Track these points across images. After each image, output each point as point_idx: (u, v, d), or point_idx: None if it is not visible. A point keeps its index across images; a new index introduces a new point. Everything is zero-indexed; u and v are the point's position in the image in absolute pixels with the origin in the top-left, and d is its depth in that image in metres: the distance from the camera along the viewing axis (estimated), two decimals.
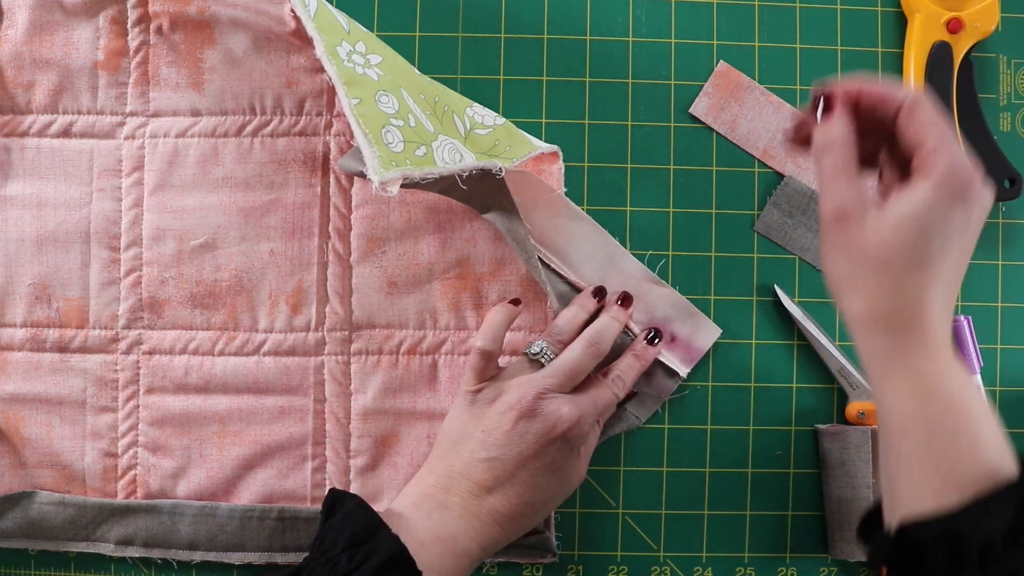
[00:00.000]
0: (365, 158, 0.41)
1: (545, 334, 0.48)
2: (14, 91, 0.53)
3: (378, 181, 0.40)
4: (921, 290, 0.36)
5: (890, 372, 0.37)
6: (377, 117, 0.43)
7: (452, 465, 0.45)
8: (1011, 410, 0.54)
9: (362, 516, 0.41)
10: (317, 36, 0.44)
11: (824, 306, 0.53)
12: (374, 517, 0.41)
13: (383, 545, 0.40)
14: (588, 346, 0.47)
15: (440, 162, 0.43)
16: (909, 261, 0.36)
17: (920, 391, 0.36)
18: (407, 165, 0.41)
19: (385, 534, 0.40)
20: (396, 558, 0.39)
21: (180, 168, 0.52)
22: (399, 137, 0.42)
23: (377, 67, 0.46)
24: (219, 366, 0.52)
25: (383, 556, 0.39)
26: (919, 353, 0.36)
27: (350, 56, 0.45)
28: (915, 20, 0.53)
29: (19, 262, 0.53)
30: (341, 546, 0.40)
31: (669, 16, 0.54)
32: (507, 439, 0.45)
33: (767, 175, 0.54)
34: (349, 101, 0.42)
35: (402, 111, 0.44)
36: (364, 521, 0.41)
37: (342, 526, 0.41)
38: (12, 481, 0.52)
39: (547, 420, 0.45)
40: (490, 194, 0.48)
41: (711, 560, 0.53)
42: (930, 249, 0.36)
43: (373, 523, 0.41)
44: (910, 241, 0.36)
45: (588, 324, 0.49)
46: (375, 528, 0.41)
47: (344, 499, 0.43)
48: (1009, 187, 0.53)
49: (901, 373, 0.37)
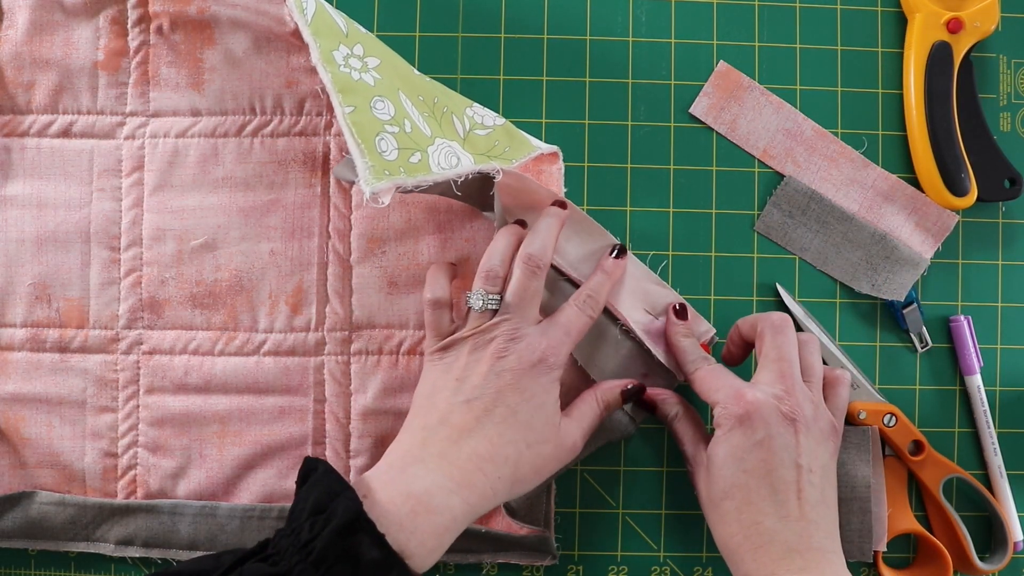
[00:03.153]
0: (357, 168, 0.41)
1: (477, 278, 0.46)
2: (14, 91, 0.53)
3: (369, 192, 0.40)
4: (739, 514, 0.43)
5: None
6: (371, 124, 0.42)
7: (429, 416, 0.44)
8: (1011, 410, 0.54)
9: (327, 482, 0.40)
10: (313, 42, 0.44)
11: (825, 305, 0.53)
12: (339, 482, 0.40)
13: (341, 509, 0.38)
14: (581, 302, 0.47)
15: (435, 168, 0.43)
16: (722, 492, 0.44)
17: None
18: (400, 174, 0.41)
19: (344, 498, 0.39)
20: (353, 521, 0.38)
21: (180, 168, 0.52)
22: (393, 144, 0.42)
23: (375, 70, 0.46)
24: (219, 366, 0.52)
25: (340, 520, 0.38)
26: None
27: (347, 60, 0.45)
28: (915, 20, 0.53)
29: (19, 262, 0.53)
30: (306, 514, 0.39)
31: (669, 16, 0.54)
32: (483, 380, 0.44)
33: (767, 175, 0.54)
34: (343, 110, 0.42)
35: (398, 116, 0.44)
36: (328, 486, 0.40)
37: (308, 494, 0.40)
38: (12, 481, 0.52)
39: (521, 354, 0.44)
40: (489, 193, 0.48)
41: (711, 560, 0.53)
42: (726, 474, 0.44)
43: (336, 488, 0.40)
44: (716, 476, 0.44)
45: (518, 249, 0.47)
46: (337, 493, 0.39)
47: (316, 467, 0.42)
48: (1009, 187, 0.53)
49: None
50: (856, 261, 0.53)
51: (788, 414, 0.44)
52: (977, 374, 0.53)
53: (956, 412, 0.54)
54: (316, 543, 0.37)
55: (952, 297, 0.54)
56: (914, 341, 0.53)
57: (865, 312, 0.54)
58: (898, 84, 0.54)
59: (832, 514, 0.44)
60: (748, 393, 0.44)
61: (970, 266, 0.54)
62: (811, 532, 0.42)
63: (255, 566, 0.37)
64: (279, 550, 0.38)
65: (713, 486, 0.44)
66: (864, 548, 0.50)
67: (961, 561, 0.51)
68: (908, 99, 0.53)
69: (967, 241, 0.54)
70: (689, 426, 0.48)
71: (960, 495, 0.53)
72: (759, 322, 0.47)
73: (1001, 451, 0.53)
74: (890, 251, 0.52)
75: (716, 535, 0.45)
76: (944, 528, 0.52)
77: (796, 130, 0.53)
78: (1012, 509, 0.52)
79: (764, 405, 0.43)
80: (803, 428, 0.43)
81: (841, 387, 0.48)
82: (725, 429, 0.44)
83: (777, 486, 0.42)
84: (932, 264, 0.53)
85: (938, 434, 0.53)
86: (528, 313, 0.46)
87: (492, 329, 0.45)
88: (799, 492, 0.42)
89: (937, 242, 0.53)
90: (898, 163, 0.54)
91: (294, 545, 0.38)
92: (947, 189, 0.52)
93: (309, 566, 0.37)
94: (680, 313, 0.50)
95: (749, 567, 0.42)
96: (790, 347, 0.46)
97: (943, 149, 0.52)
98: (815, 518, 0.42)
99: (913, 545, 0.53)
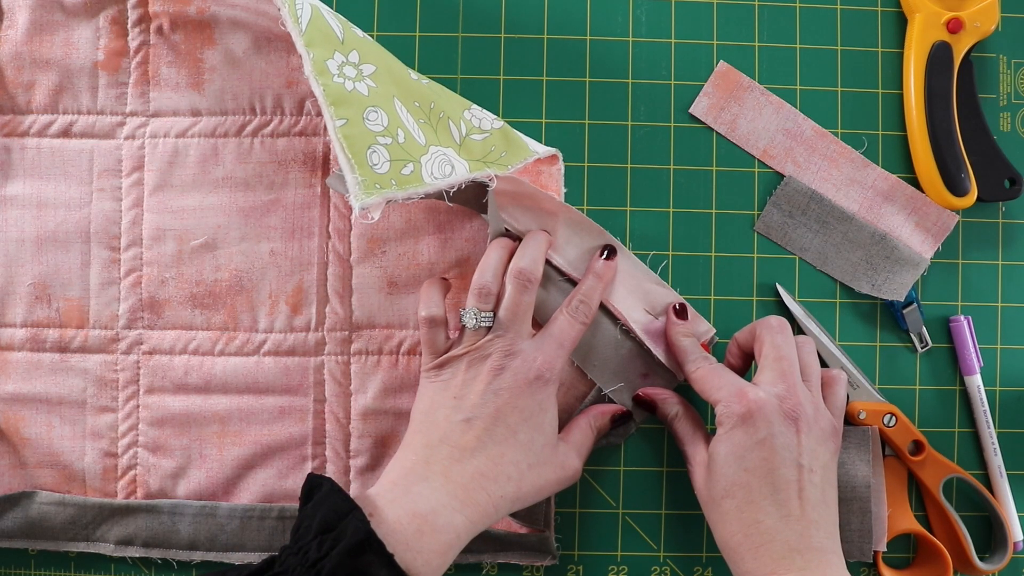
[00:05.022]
0: (347, 183, 0.41)
1: (470, 296, 0.47)
2: (14, 91, 0.53)
3: (359, 207, 0.40)
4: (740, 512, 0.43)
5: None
6: (363, 137, 0.42)
7: (430, 434, 0.44)
8: (1011, 410, 0.54)
9: (333, 501, 0.40)
10: (306, 53, 0.44)
11: (825, 305, 0.53)
12: (346, 501, 0.40)
13: (350, 529, 0.38)
14: (571, 309, 0.48)
15: (428, 178, 0.43)
16: (723, 491, 0.44)
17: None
18: (391, 187, 0.41)
19: (353, 518, 0.39)
20: (364, 542, 0.38)
21: (180, 168, 0.52)
22: (385, 156, 0.42)
23: (370, 78, 0.45)
24: (219, 366, 0.52)
25: (350, 541, 0.38)
26: None
27: (341, 69, 0.44)
28: (915, 20, 0.53)
29: (19, 262, 0.53)
30: (313, 532, 0.39)
31: (669, 16, 0.54)
32: (481, 399, 0.44)
33: (767, 175, 0.54)
34: (335, 123, 0.42)
35: (391, 127, 0.44)
36: (335, 506, 0.40)
37: (314, 512, 0.40)
38: (12, 481, 0.52)
39: (516, 370, 0.44)
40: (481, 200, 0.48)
41: (711, 560, 0.53)
42: (728, 472, 0.44)
43: (344, 507, 0.40)
44: (717, 475, 0.44)
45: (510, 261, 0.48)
46: (345, 512, 0.39)
47: (320, 484, 0.42)
48: (1009, 187, 0.53)
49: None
50: (856, 261, 0.53)
51: (790, 413, 0.44)
52: (977, 374, 0.53)
53: (956, 412, 0.54)
54: (325, 563, 0.37)
55: (952, 297, 0.54)
56: (914, 341, 0.53)
57: (865, 312, 0.54)
58: (898, 84, 0.54)
59: (832, 514, 0.44)
60: (750, 392, 0.44)
61: (970, 266, 0.54)
62: (812, 532, 0.42)
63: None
64: (286, 569, 0.38)
65: (714, 485, 0.44)
66: (864, 548, 0.50)
67: (961, 561, 0.51)
68: (908, 99, 0.53)
69: (967, 241, 0.54)
70: (689, 425, 0.48)
71: (960, 495, 0.53)
72: (757, 327, 0.47)
73: (1001, 451, 0.53)
74: (890, 251, 0.52)
75: (716, 534, 0.45)
76: (944, 528, 0.52)
77: (796, 130, 0.53)
78: (1012, 509, 0.52)
79: (766, 404, 0.44)
80: (805, 428, 0.43)
81: (838, 387, 0.48)
82: (727, 428, 0.44)
83: (778, 485, 0.42)
84: (932, 264, 0.53)
85: (938, 434, 0.53)
86: (522, 328, 0.46)
87: (487, 347, 0.45)
88: (800, 491, 0.42)
89: (937, 242, 0.53)
90: (898, 163, 0.54)
91: (302, 564, 0.38)
92: (947, 189, 0.52)
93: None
94: (680, 313, 0.50)
95: (749, 566, 0.42)
96: (789, 347, 0.46)
97: (943, 149, 0.52)
98: (816, 518, 0.42)
99: (913, 545, 0.53)
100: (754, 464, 0.43)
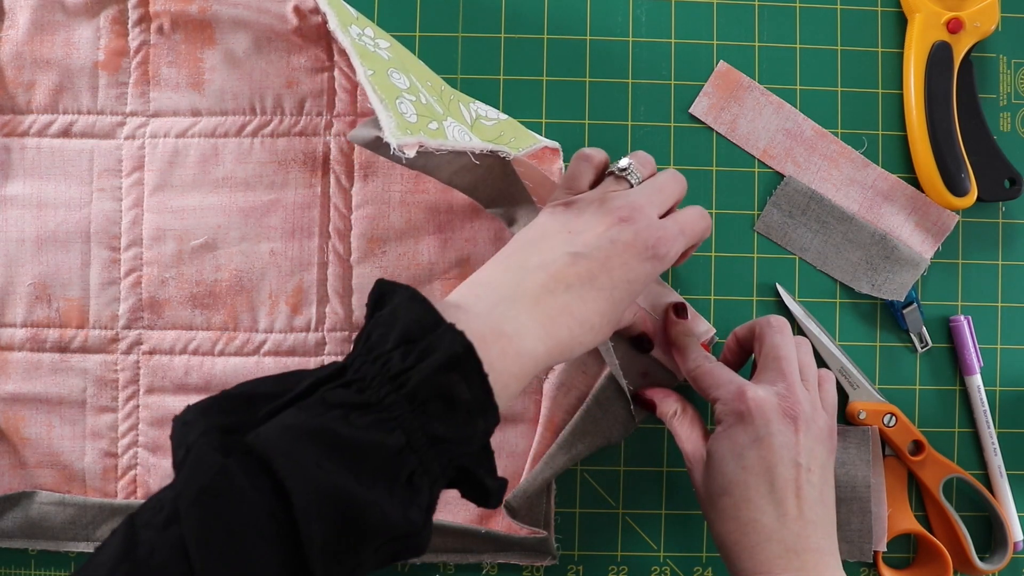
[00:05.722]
0: (381, 122, 0.39)
1: (631, 156, 0.46)
2: (14, 91, 0.53)
3: (396, 143, 0.38)
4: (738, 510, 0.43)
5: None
6: (390, 89, 0.42)
7: (529, 257, 0.41)
8: (1011, 410, 0.54)
9: (417, 309, 0.36)
10: (329, 10, 0.44)
11: (825, 305, 0.53)
12: (431, 311, 0.36)
13: (444, 341, 0.34)
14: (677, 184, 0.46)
15: (452, 138, 0.43)
16: (721, 488, 0.44)
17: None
18: (422, 134, 0.40)
19: (447, 330, 0.35)
20: (459, 357, 0.34)
21: (180, 168, 0.52)
22: (412, 110, 0.42)
23: (386, 51, 0.45)
24: (219, 366, 0.52)
25: (444, 354, 0.34)
26: None
27: (360, 37, 0.44)
28: (915, 20, 0.53)
29: (19, 262, 0.53)
30: (392, 343, 0.34)
31: (669, 16, 0.54)
32: (596, 240, 0.41)
33: (767, 175, 0.54)
34: (364, 71, 0.42)
35: (413, 88, 0.43)
36: (419, 315, 0.35)
37: (391, 320, 0.35)
38: (12, 481, 0.52)
39: (640, 231, 0.41)
40: (497, 185, 0.48)
41: (711, 560, 0.53)
42: (726, 470, 0.44)
43: (430, 318, 0.35)
44: (715, 472, 0.44)
45: None
46: (433, 323, 0.35)
47: (394, 290, 0.37)
48: (1009, 187, 0.53)
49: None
50: (856, 261, 0.53)
51: (789, 412, 0.44)
52: (977, 374, 0.53)
53: (956, 412, 0.54)
54: (411, 375, 0.33)
55: (952, 297, 0.54)
56: (914, 341, 0.53)
57: (865, 312, 0.54)
58: (898, 84, 0.54)
59: (830, 514, 0.44)
60: (749, 390, 0.44)
61: (970, 266, 0.54)
62: (809, 532, 0.42)
63: (338, 392, 0.33)
64: (362, 377, 0.34)
65: (712, 482, 0.44)
66: (864, 548, 0.50)
67: (961, 561, 0.51)
68: (908, 99, 0.53)
69: (967, 241, 0.54)
70: (689, 424, 0.48)
71: (960, 495, 0.53)
72: (757, 325, 0.47)
73: (1001, 451, 0.53)
74: (890, 251, 0.52)
75: (713, 532, 0.45)
76: (944, 528, 0.52)
77: (796, 130, 0.53)
78: (1012, 509, 0.52)
79: (765, 402, 0.44)
80: (803, 426, 0.43)
81: (830, 384, 0.48)
82: (726, 425, 0.44)
83: (776, 484, 0.42)
84: (932, 264, 0.53)
85: (938, 434, 0.53)
86: (655, 208, 0.44)
87: (623, 196, 0.43)
88: (798, 491, 0.42)
89: (937, 242, 0.53)
90: (898, 163, 0.54)
91: (381, 374, 0.34)
92: (947, 189, 0.52)
93: (402, 398, 0.33)
94: (680, 312, 0.50)
95: (746, 565, 0.42)
96: (789, 347, 0.46)
97: (943, 149, 0.52)
98: (813, 518, 0.42)
99: (913, 545, 0.53)
100: (752, 462, 0.43)
